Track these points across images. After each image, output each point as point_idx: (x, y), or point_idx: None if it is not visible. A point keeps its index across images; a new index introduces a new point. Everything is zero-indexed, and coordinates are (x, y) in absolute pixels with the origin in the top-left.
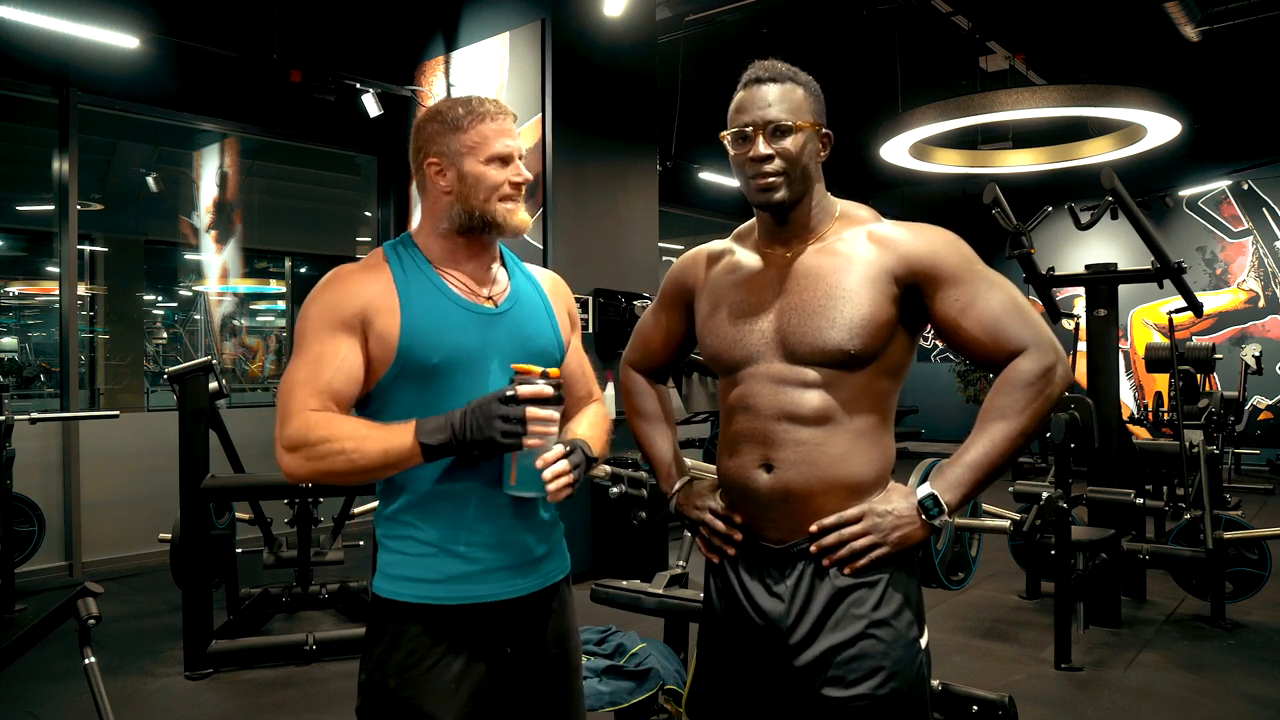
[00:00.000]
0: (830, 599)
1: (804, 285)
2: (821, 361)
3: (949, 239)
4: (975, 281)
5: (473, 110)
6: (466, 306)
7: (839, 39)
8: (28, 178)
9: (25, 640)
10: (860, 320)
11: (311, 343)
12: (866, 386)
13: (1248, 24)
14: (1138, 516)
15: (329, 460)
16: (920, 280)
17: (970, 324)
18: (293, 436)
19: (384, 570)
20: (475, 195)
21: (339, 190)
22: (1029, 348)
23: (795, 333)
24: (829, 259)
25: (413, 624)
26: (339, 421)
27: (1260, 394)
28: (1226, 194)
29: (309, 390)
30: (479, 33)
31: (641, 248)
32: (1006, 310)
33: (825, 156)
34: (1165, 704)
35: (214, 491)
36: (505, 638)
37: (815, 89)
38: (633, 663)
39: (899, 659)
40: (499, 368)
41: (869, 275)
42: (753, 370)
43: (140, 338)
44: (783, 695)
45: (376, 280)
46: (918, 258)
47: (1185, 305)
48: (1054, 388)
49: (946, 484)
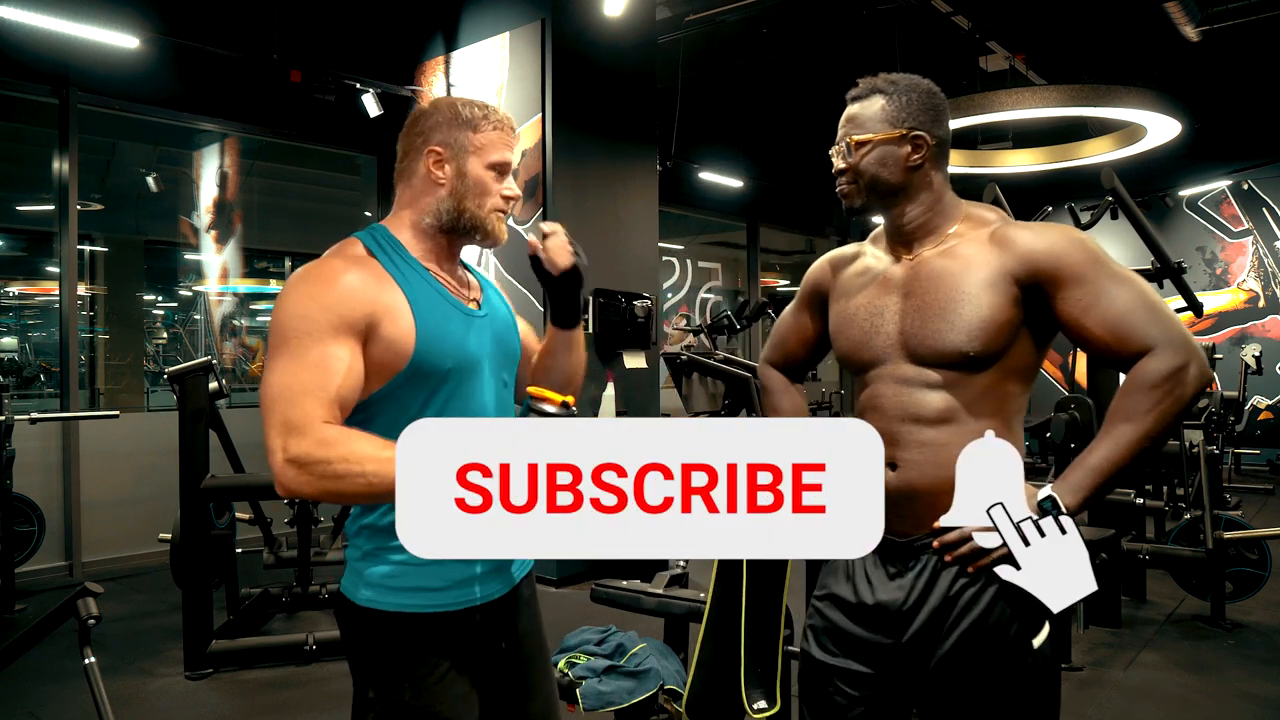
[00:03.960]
0: (948, 595)
1: (926, 288)
2: (942, 363)
3: (1073, 237)
4: (1099, 279)
5: (488, 114)
6: (463, 310)
7: (839, 39)
8: (28, 178)
9: (25, 640)
10: (979, 322)
11: (310, 345)
12: (990, 388)
13: (1248, 24)
14: (1138, 516)
15: (344, 481)
16: (1042, 280)
17: (1093, 323)
18: (306, 452)
19: (382, 583)
20: (471, 197)
21: (339, 190)
22: (1157, 346)
23: (917, 335)
24: (950, 261)
25: (421, 634)
26: (356, 439)
27: (1260, 394)
28: (1226, 194)
29: (318, 400)
30: (479, 33)
31: (641, 248)
32: (1133, 307)
33: (922, 159)
34: (1165, 704)
35: (214, 491)
36: (499, 634)
37: (909, 94)
38: (633, 663)
39: (1006, 660)
40: (489, 371)
41: (989, 277)
42: (879, 371)
43: (140, 338)
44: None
45: (376, 280)
46: (1037, 257)
47: (1185, 305)
48: (1185, 388)
49: (1067, 487)
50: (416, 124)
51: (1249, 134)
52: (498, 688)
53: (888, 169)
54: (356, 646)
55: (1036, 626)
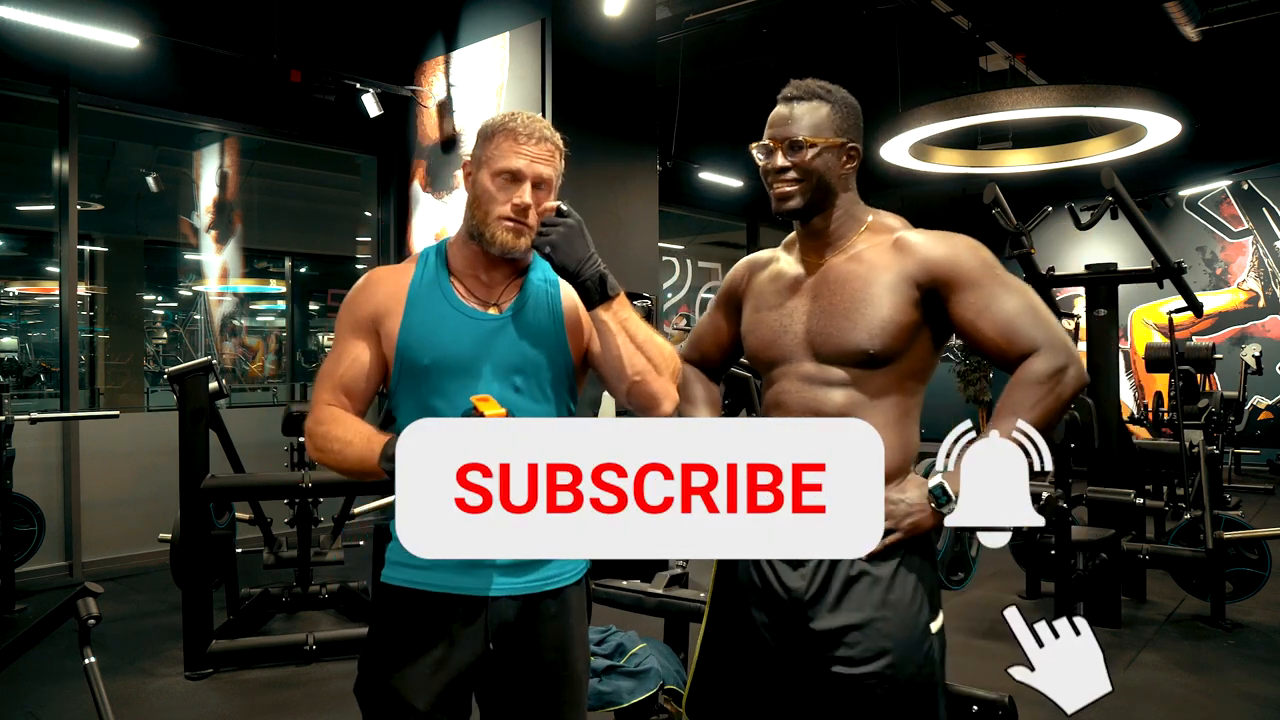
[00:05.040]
0: (847, 580)
1: (832, 290)
2: (845, 361)
3: (969, 245)
4: (991, 285)
5: (504, 124)
6: (466, 313)
7: (839, 39)
8: (28, 178)
9: (25, 640)
10: (880, 322)
11: (337, 340)
12: (890, 385)
13: (1248, 24)
14: (1138, 516)
15: (326, 454)
16: (939, 284)
17: (985, 325)
18: (310, 426)
19: (390, 558)
20: (479, 206)
21: (339, 190)
22: (1041, 348)
23: (822, 334)
24: (856, 266)
25: (400, 606)
26: (343, 420)
27: (1260, 394)
28: (1226, 194)
29: (326, 385)
30: (479, 33)
31: (641, 248)
32: (1020, 312)
33: (851, 169)
34: (1165, 704)
35: (214, 491)
36: (489, 634)
37: (846, 106)
38: (633, 663)
39: (905, 641)
40: (490, 373)
41: (890, 281)
42: (785, 370)
43: (140, 338)
44: (796, 670)
45: (395, 283)
46: (935, 263)
47: (1185, 305)
48: (1065, 387)
49: (952, 474)
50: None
51: (1249, 134)
52: (492, 694)
53: (830, 175)
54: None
55: (934, 610)
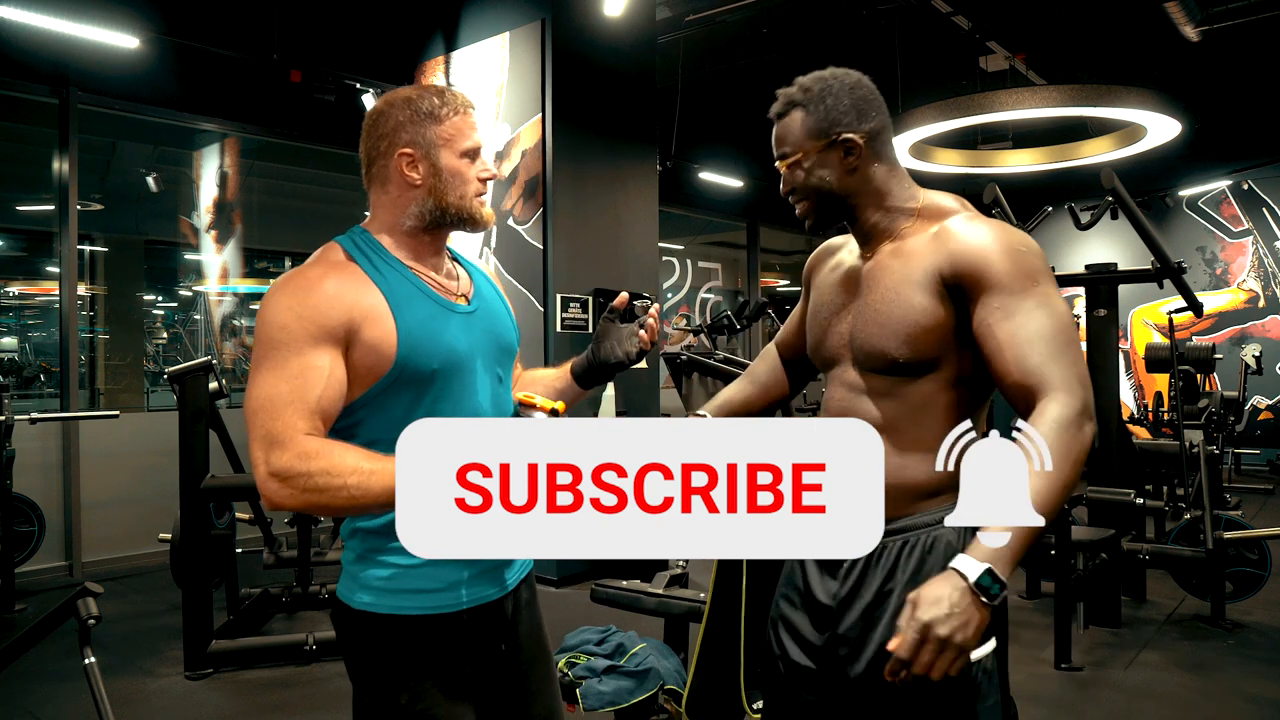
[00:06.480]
0: (879, 592)
1: (871, 288)
2: (877, 369)
3: (1010, 244)
4: (1021, 296)
5: (447, 101)
6: (450, 307)
7: (839, 39)
8: (28, 178)
9: (25, 640)
10: (906, 326)
11: (290, 355)
12: (934, 395)
13: (1248, 24)
14: (1138, 516)
15: (327, 495)
16: (964, 282)
17: (998, 340)
18: (287, 466)
19: (379, 586)
20: (452, 190)
21: (339, 190)
22: (1054, 390)
23: (858, 338)
24: (894, 261)
25: (417, 637)
26: (339, 451)
27: (1260, 394)
28: (1226, 194)
29: (298, 411)
30: (479, 33)
31: (641, 248)
32: (1043, 338)
33: (855, 161)
34: (1165, 704)
35: (214, 491)
36: (497, 636)
37: (826, 97)
38: (633, 663)
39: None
40: (482, 367)
41: (921, 278)
42: (834, 374)
43: (140, 338)
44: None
45: (355, 284)
46: (963, 256)
47: (1185, 305)
48: (1079, 445)
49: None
50: (377, 127)
51: (1249, 134)
52: (498, 691)
53: (828, 181)
54: (354, 651)
55: None
